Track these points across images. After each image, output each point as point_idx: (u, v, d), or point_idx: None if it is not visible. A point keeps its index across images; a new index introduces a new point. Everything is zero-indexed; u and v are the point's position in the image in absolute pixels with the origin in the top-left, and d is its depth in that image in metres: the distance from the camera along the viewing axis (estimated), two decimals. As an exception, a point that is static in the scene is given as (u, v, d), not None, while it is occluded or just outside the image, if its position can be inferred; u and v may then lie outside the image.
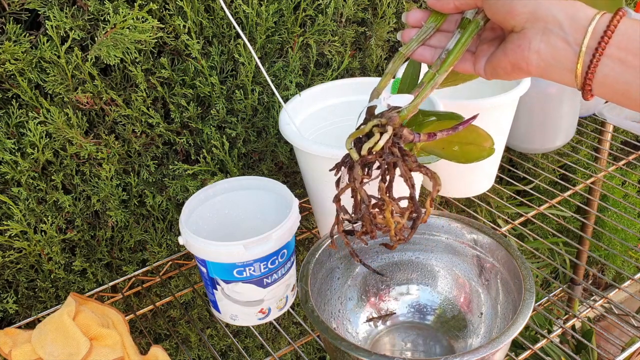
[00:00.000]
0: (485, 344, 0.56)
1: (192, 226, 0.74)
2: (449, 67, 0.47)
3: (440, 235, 0.73)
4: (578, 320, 0.79)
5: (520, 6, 0.43)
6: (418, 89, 0.48)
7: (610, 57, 0.40)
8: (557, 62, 0.42)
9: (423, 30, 0.50)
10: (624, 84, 0.41)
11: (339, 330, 0.69)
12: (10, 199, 0.74)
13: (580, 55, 0.41)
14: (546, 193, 1.24)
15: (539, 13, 0.42)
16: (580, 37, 0.41)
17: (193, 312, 1.01)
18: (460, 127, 0.48)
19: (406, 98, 0.47)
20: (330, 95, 0.87)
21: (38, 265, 0.81)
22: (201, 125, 0.84)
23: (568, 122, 1.04)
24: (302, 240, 1.05)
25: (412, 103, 0.47)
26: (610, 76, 0.41)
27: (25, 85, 0.70)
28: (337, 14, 0.91)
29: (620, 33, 0.40)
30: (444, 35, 0.50)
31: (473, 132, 0.54)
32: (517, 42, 0.44)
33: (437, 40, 0.50)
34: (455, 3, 0.47)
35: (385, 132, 0.45)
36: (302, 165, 0.80)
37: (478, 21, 0.47)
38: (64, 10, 0.69)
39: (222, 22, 0.81)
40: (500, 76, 0.47)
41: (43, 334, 0.65)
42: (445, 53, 0.48)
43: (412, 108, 0.47)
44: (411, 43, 0.50)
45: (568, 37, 0.41)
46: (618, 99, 0.42)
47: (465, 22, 0.48)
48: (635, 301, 1.47)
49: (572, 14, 0.42)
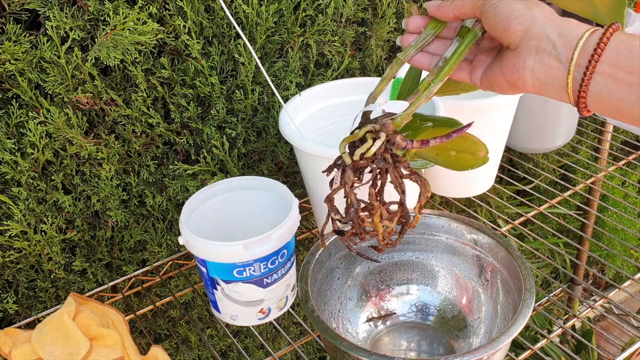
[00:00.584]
0: (485, 344, 0.56)
1: (192, 226, 0.74)
2: (444, 76, 0.48)
3: (440, 235, 0.73)
4: (578, 320, 0.79)
5: (516, 24, 0.43)
6: (413, 97, 0.48)
7: (602, 74, 0.40)
8: (551, 80, 0.42)
9: (422, 36, 0.50)
10: (617, 101, 0.40)
11: (339, 330, 0.69)
12: (10, 199, 0.74)
13: (570, 73, 0.41)
14: (546, 193, 1.24)
15: (533, 31, 0.42)
16: (571, 55, 0.41)
17: (193, 312, 1.01)
18: (454, 134, 0.48)
19: (401, 105, 0.47)
20: (330, 95, 0.87)
21: (38, 265, 0.81)
22: (201, 125, 0.84)
23: (568, 122, 1.04)
24: (302, 240, 1.05)
25: (406, 111, 0.47)
26: (603, 93, 0.40)
27: (25, 85, 0.70)
28: (337, 14, 0.91)
29: (611, 50, 0.40)
30: (443, 42, 0.50)
31: (468, 140, 0.54)
32: (512, 61, 0.44)
33: (435, 47, 0.50)
34: (455, 12, 0.47)
35: (378, 139, 0.46)
36: (302, 165, 0.80)
37: (476, 32, 0.47)
38: (64, 10, 0.69)
39: (222, 22, 0.81)
40: (497, 91, 0.47)
41: (43, 334, 0.65)
42: (442, 61, 0.48)
43: (405, 116, 0.47)
44: (409, 49, 0.50)
45: (560, 55, 0.41)
46: (613, 115, 0.41)
47: (464, 30, 0.48)
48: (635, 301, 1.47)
49: (565, 32, 0.41)
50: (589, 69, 0.40)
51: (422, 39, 0.50)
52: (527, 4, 0.43)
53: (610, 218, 1.44)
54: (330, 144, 0.71)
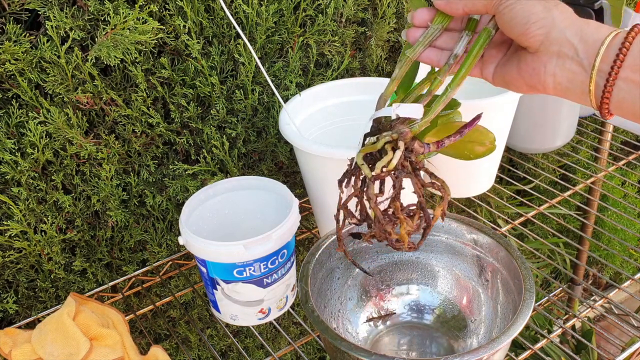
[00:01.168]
0: (485, 344, 0.56)
1: (192, 226, 0.74)
2: (461, 80, 0.46)
3: (440, 235, 0.73)
4: (578, 320, 0.79)
5: (535, 28, 0.41)
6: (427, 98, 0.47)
7: (625, 80, 0.39)
8: (574, 85, 0.41)
9: (430, 31, 0.48)
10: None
11: (339, 330, 0.69)
12: (10, 199, 0.74)
13: (592, 80, 0.40)
14: (546, 193, 1.24)
15: (553, 35, 0.41)
16: (593, 61, 0.40)
17: (193, 312, 1.01)
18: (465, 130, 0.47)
19: (416, 108, 0.46)
20: (330, 95, 0.87)
21: (38, 265, 0.81)
22: (201, 125, 0.84)
23: (568, 122, 1.04)
24: (302, 240, 1.05)
25: (424, 119, 0.46)
26: (627, 99, 0.39)
27: (26, 85, 0.70)
28: (337, 14, 0.91)
29: (633, 55, 0.39)
30: (450, 35, 0.48)
31: (475, 130, 0.53)
32: (532, 65, 0.43)
33: (443, 42, 0.48)
34: (465, 9, 0.45)
35: (397, 149, 0.44)
36: (302, 165, 0.80)
37: (490, 30, 0.45)
38: (64, 10, 0.69)
39: (222, 22, 0.81)
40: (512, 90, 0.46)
41: (43, 334, 0.65)
42: (453, 58, 0.47)
43: (424, 124, 0.46)
44: (417, 46, 0.48)
45: (583, 61, 0.40)
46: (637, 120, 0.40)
47: (473, 23, 0.47)
48: (635, 301, 1.47)
49: (586, 36, 0.40)
50: (611, 75, 0.39)
51: (430, 34, 0.48)
52: (546, 4, 0.42)
53: (610, 218, 1.44)
54: (330, 144, 0.71)
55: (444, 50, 0.48)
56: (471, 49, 0.46)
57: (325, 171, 0.74)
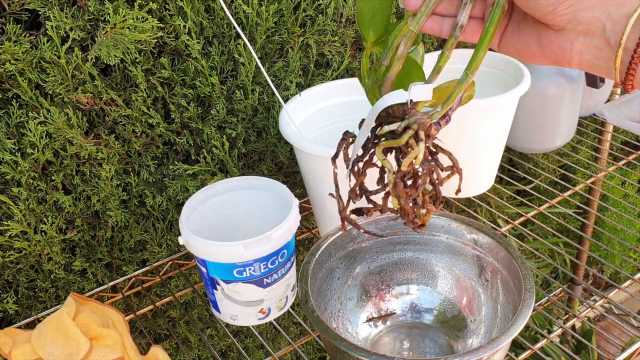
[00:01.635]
0: (485, 344, 0.56)
1: (192, 226, 0.74)
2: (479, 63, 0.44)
3: (440, 235, 0.73)
4: (578, 320, 0.79)
5: (563, 7, 0.41)
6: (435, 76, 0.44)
7: None
8: (600, 61, 0.41)
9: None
10: None
11: (339, 330, 0.69)
12: (10, 199, 0.74)
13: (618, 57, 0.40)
14: (546, 193, 1.24)
15: (581, 14, 0.41)
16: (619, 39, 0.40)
17: (193, 312, 1.01)
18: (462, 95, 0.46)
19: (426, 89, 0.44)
20: (330, 95, 0.87)
21: (38, 265, 0.81)
22: (201, 125, 0.84)
23: (568, 122, 1.04)
24: (302, 240, 1.05)
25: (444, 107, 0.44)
26: None
27: (26, 85, 0.70)
28: (337, 14, 0.91)
29: None
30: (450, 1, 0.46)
31: None
32: (556, 43, 0.42)
33: (443, 8, 0.46)
34: None
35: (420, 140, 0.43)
36: (302, 165, 0.80)
37: (503, 5, 0.43)
38: (64, 10, 0.69)
39: (222, 22, 0.81)
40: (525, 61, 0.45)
41: (43, 334, 0.65)
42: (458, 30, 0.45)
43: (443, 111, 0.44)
44: (420, 17, 0.45)
45: (610, 38, 0.40)
46: None
47: None
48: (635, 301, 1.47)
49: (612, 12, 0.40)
50: (636, 52, 0.39)
51: (432, 2, 0.45)
52: None
53: (610, 218, 1.44)
54: (330, 144, 0.71)
55: (445, 17, 0.46)
56: (486, 29, 0.44)
57: (325, 171, 0.74)
